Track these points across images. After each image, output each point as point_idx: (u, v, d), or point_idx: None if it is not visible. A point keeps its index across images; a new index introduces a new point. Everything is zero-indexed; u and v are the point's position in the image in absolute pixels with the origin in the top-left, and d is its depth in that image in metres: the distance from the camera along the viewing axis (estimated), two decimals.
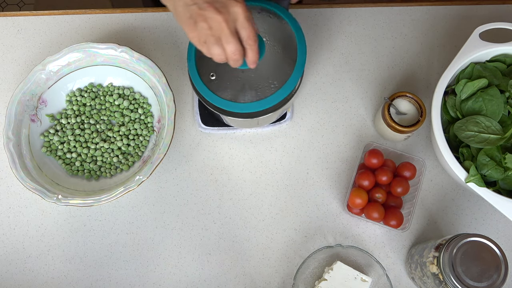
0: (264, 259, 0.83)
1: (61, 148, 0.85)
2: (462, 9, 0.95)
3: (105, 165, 0.85)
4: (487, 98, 0.76)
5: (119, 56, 0.84)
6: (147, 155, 0.84)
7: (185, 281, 0.83)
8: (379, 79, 0.91)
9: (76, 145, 0.85)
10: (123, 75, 0.87)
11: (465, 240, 0.67)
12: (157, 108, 0.85)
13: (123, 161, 0.85)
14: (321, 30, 0.94)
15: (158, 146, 0.81)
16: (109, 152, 0.85)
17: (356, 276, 0.78)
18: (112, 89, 0.88)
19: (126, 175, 0.84)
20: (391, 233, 0.84)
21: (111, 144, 0.85)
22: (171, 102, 0.81)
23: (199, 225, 0.85)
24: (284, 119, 0.88)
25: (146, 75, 0.84)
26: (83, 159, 0.85)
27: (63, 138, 0.85)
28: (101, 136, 0.86)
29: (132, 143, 0.85)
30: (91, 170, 0.85)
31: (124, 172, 0.84)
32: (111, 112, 0.87)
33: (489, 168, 0.74)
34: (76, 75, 0.86)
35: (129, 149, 0.85)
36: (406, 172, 0.82)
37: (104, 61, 0.85)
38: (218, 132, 0.88)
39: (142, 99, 0.87)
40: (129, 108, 0.87)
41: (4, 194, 0.86)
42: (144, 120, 0.87)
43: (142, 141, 0.86)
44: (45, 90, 0.85)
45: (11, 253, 0.84)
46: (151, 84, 0.85)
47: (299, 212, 0.85)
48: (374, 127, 0.89)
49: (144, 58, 0.83)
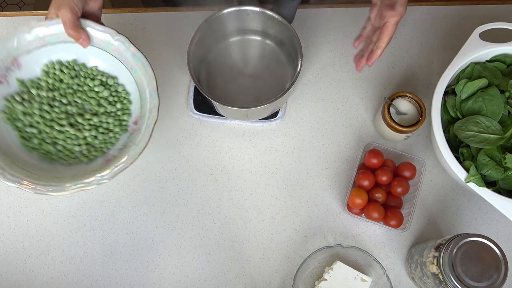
0: (264, 259, 0.83)
1: (23, 119, 0.77)
2: (462, 9, 0.95)
3: (64, 150, 0.78)
4: (487, 98, 0.76)
5: (114, 44, 0.78)
6: (112, 154, 0.78)
7: (185, 281, 0.83)
8: (379, 79, 0.91)
9: (40, 121, 0.78)
10: (111, 63, 0.80)
11: (465, 240, 0.67)
12: (137, 108, 0.79)
13: (85, 152, 0.78)
14: (321, 30, 0.94)
15: (127, 149, 0.75)
16: (73, 139, 0.78)
17: (356, 276, 0.78)
18: (95, 73, 0.81)
19: (83, 168, 0.77)
20: (391, 233, 0.84)
21: (78, 132, 0.78)
22: (155, 109, 0.75)
23: (199, 225, 0.85)
24: (275, 118, 0.88)
25: (136, 72, 0.78)
26: (43, 138, 0.78)
27: (27, 110, 0.78)
28: (69, 120, 0.79)
29: (100, 137, 0.79)
30: (48, 151, 0.78)
31: (83, 164, 0.78)
32: (88, 97, 0.80)
33: (489, 168, 0.74)
34: (61, 47, 0.79)
35: (95, 142, 0.79)
36: (406, 172, 0.83)
37: (96, 43, 0.78)
38: (209, 119, 0.89)
39: (124, 93, 0.81)
40: (108, 99, 0.80)
41: (4, 194, 0.86)
42: (119, 116, 0.80)
43: (111, 137, 0.79)
44: (23, 53, 0.77)
45: (11, 253, 0.84)
46: (139, 83, 0.79)
47: (299, 212, 0.85)
48: (374, 127, 0.89)
49: (140, 55, 0.77)
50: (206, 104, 0.88)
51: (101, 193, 0.86)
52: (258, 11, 0.81)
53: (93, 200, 0.86)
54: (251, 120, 0.87)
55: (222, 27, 0.84)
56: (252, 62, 0.87)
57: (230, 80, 0.86)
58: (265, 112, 0.83)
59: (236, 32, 0.87)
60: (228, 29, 0.85)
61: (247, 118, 0.85)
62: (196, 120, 0.89)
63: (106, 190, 0.86)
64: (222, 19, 0.82)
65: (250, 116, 0.83)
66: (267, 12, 0.80)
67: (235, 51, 0.88)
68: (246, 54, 0.88)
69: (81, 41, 0.75)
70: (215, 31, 0.84)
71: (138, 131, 0.76)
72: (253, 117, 0.85)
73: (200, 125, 0.89)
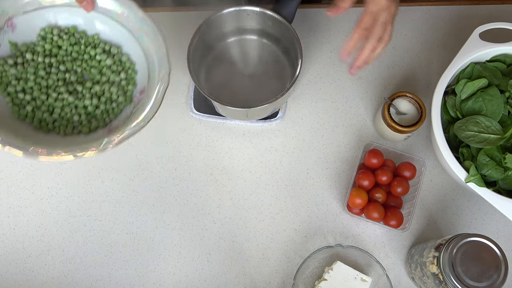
0: (264, 259, 0.83)
1: (15, 84, 0.72)
2: (462, 9, 0.95)
3: (61, 120, 0.73)
4: (487, 98, 0.76)
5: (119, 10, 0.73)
6: (115, 124, 0.73)
7: (185, 281, 0.83)
8: (379, 79, 0.91)
9: (35, 87, 0.73)
10: (116, 31, 0.75)
11: (465, 240, 0.67)
12: (144, 78, 0.74)
13: (84, 122, 0.73)
14: (321, 30, 0.94)
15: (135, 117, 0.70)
16: (71, 108, 0.73)
17: (356, 276, 0.78)
18: (97, 42, 0.76)
19: (82, 139, 0.72)
20: (391, 233, 0.84)
21: (77, 100, 0.73)
22: (166, 76, 0.71)
23: (199, 225, 0.85)
24: (275, 118, 0.88)
25: (143, 40, 0.73)
26: (37, 105, 0.73)
27: (21, 74, 0.73)
28: (68, 88, 0.73)
29: (102, 106, 0.74)
30: (43, 120, 0.73)
31: (82, 135, 0.73)
32: (88, 66, 0.76)
33: (489, 168, 0.74)
34: (61, 11, 0.74)
35: (96, 112, 0.74)
36: (406, 172, 0.83)
37: (100, 8, 0.73)
38: (209, 119, 0.89)
39: (128, 63, 0.76)
40: (111, 68, 0.75)
41: (4, 194, 0.86)
42: (124, 87, 0.75)
43: (114, 108, 0.74)
44: (19, 13, 0.71)
45: (11, 253, 0.84)
46: (146, 52, 0.74)
47: (299, 212, 0.85)
48: (374, 127, 0.89)
49: (149, 21, 0.72)
50: (206, 104, 0.88)
51: (101, 193, 0.86)
52: (258, 11, 0.81)
53: (93, 200, 0.86)
54: (251, 120, 0.87)
55: (222, 27, 0.84)
56: (252, 62, 0.87)
57: (230, 80, 0.86)
58: (265, 112, 0.83)
59: (236, 32, 0.87)
60: (228, 29, 0.85)
61: (247, 118, 0.85)
62: (196, 120, 0.89)
63: (106, 190, 0.86)
64: (222, 19, 0.82)
65: (250, 116, 0.83)
66: (267, 12, 0.80)
67: (235, 51, 0.88)
68: (246, 54, 0.88)
69: (85, 4, 0.70)
70: (215, 31, 0.84)
71: (147, 100, 0.71)
72: (253, 117, 0.85)
73: (200, 125, 0.89)
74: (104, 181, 0.87)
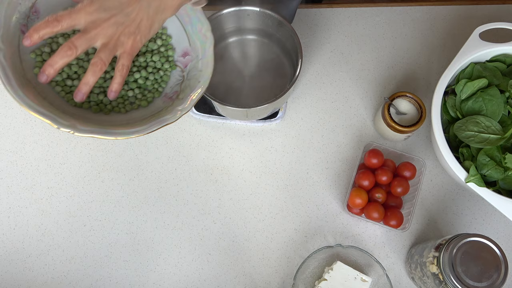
0: (264, 259, 0.83)
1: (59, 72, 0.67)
2: (462, 9, 0.95)
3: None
4: (487, 98, 0.76)
5: None
6: (169, 91, 0.72)
7: (185, 281, 0.83)
8: (379, 79, 0.91)
9: (79, 71, 0.69)
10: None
11: (465, 240, 0.67)
12: (182, 40, 0.73)
13: (139, 96, 0.72)
14: (321, 30, 0.94)
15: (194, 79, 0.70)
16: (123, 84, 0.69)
17: (356, 276, 0.78)
18: None
19: (143, 113, 0.70)
20: (391, 233, 0.84)
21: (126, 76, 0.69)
22: (209, 32, 0.71)
23: (199, 225, 0.85)
24: (275, 118, 0.88)
25: None
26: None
27: None
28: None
29: (151, 77, 0.72)
30: (100, 102, 0.70)
31: (141, 109, 0.71)
32: None
33: (489, 168, 0.74)
34: None
35: (147, 84, 0.72)
36: (406, 172, 0.83)
37: None
38: (209, 119, 0.89)
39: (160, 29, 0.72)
40: None
41: (4, 194, 0.86)
42: (164, 53, 0.74)
43: (162, 75, 0.73)
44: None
45: (11, 253, 0.84)
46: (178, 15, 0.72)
47: (299, 212, 0.85)
48: (374, 127, 0.89)
49: None
50: (206, 104, 0.88)
51: (101, 193, 0.86)
52: (258, 11, 0.81)
53: (93, 200, 0.86)
54: (251, 120, 0.87)
55: (222, 27, 0.84)
56: (252, 62, 0.87)
57: (230, 80, 0.86)
58: (265, 112, 0.83)
59: (236, 32, 0.87)
60: (228, 29, 0.85)
61: (247, 118, 0.85)
62: (196, 120, 0.89)
63: (106, 190, 0.86)
64: (222, 19, 0.82)
65: (250, 116, 0.83)
66: (267, 12, 0.80)
67: (235, 51, 0.88)
68: (246, 54, 0.88)
69: None
70: (215, 31, 0.83)
71: (197, 59, 0.71)
72: (253, 117, 0.85)
73: (200, 125, 0.89)
74: (104, 181, 0.87)
